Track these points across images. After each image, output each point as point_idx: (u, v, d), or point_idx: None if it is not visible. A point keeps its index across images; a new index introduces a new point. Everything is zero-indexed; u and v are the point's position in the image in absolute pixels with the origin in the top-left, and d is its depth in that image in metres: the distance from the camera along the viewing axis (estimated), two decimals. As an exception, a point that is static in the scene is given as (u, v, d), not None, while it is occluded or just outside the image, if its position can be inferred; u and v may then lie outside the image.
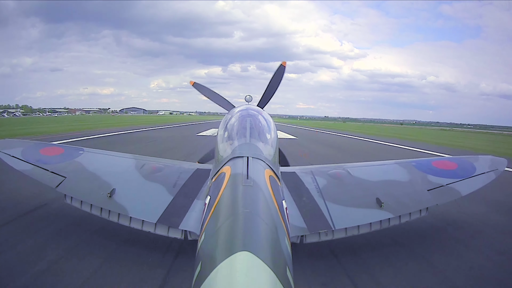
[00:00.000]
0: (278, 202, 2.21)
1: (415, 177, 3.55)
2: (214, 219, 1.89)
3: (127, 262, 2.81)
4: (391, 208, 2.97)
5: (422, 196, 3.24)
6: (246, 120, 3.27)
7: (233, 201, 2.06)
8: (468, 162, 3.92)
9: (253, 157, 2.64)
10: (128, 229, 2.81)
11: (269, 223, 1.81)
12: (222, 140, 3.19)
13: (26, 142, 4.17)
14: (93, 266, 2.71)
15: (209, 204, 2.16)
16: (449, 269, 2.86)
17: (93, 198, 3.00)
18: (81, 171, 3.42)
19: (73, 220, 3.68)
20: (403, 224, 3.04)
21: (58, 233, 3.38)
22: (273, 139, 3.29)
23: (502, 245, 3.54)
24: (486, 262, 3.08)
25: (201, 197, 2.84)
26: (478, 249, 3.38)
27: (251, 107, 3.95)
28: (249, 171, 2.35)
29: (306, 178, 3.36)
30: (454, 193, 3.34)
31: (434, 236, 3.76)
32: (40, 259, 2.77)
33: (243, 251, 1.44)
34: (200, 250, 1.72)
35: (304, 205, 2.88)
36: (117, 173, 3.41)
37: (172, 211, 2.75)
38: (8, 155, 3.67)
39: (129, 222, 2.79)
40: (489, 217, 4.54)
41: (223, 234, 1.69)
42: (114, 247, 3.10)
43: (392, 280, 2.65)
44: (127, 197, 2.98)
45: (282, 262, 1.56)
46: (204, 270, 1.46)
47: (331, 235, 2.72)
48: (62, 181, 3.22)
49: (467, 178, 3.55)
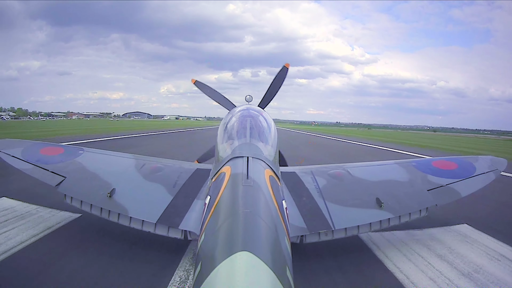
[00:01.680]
0: (278, 202, 2.21)
1: (415, 177, 3.55)
2: (214, 219, 1.90)
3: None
4: (391, 208, 2.98)
5: (422, 196, 3.24)
6: (246, 120, 3.27)
7: (233, 201, 2.06)
8: (468, 162, 3.92)
9: (253, 157, 2.64)
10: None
11: (269, 223, 1.81)
12: (222, 140, 3.19)
13: (26, 142, 4.17)
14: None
15: (209, 204, 2.16)
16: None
17: (93, 198, 3.00)
18: (81, 171, 3.42)
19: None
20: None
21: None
22: (273, 139, 3.29)
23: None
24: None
25: (201, 197, 2.85)
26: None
27: (251, 107, 3.96)
28: (249, 171, 2.35)
29: (306, 178, 3.36)
30: (454, 194, 3.35)
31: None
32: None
33: (243, 251, 1.44)
34: (200, 250, 1.72)
35: (304, 205, 2.88)
36: (117, 173, 3.42)
37: (172, 211, 2.75)
38: (8, 155, 3.67)
39: (129, 222, 2.79)
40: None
41: (223, 234, 1.70)
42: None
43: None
44: (127, 197, 2.98)
45: (282, 262, 1.57)
46: (204, 270, 1.46)
47: (331, 235, 2.72)
48: (62, 181, 3.22)
49: (467, 178, 3.55)
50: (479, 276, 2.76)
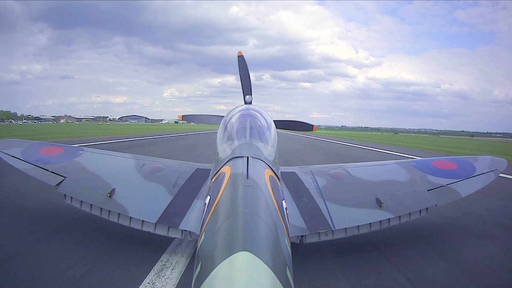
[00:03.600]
0: (278, 202, 2.21)
1: (415, 177, 3.55)
2: (214, 219, 1.89)
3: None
4: (391, 208, 2.97)
5: (422, 196, 3.24)
6: (246, 120, 3.26)
7: (233, 201, 2.05)
8: (468, 162, 3.92)
9: (253, 157, 2.64)
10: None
11: (269, 223, 1.81)
12: (222, 140, 3.18)
13: (26, 142, 4.17)
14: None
15: (209, 204, 2.16)
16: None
17: (93, 198, 3.00)
18: (81, 171, 3.42)
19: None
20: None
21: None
22: (273, 139, 3.29)
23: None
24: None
25: (201, 197, 2.84)
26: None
27: (251, 107, 3.95)
28: (249, 171, 2.34)
29: (306, 178, 3.36)
30: (454, 194, 3.35)
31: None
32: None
33: (243, 251, 1.44)
34: (200, 250, 1.72)
35: (304, 205, 2.88)
36: (117, 173, 3.41)
37: (172, 211, 2.75)
38: (8, 155, 3.67)
39: (129, 222, 2.79)
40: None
41: (223, 234, 1.69)
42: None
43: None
44: (127, 197, 2.98)
45: (282, 262, 1.56)
46: (204, 270, 1.46)
47: (331, 235, 2.71)
48: (62, 181, 3.22)
49: (467, 178, 3.55)
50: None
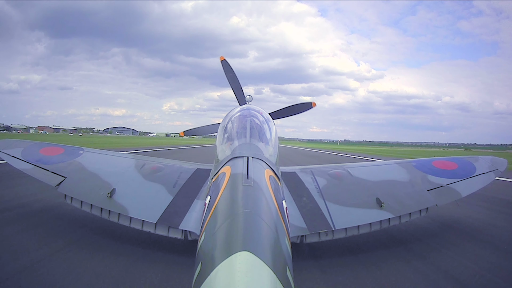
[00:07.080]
0: (278, 202, 2.20)
1: (415, 177, 3.54)
2: (214, 219, 1.89)
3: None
4: (391, 208, 2.97)
5: (422, 196, 3.23)
6: (246, 120, 3.25)
7: (233, 201, 2.05)
8: (468, 162, 3.91)
9: (253, 157, 2.63)
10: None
11: (269, 223, 1.80)
12: (222, 140, 3.18)
13: (26, 142, 4.16)
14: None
15: (209, 204, 2.15)
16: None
17: (93, 198, 3.00)
18: (81, 171, 3.42)
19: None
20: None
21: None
22: (274, 139, 3.28)
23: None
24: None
25: (201, 197, 2.84)
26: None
27: (251, 107, 3.93)
28: (249, 171, 2.33)
29: (306, 178, 3.36)
30: (454, 194, 3.34)
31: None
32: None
33: (243, 251, 1.43)
34: (200, 250, 1.72)
35: (304, 205, 2.87)
36: (117, 173, 3.41)
37: (172, 211, 2.75)
38: (8, 155, 3.67)
39: (129, 222, 2.78)
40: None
41: (223, 234, 1.69)
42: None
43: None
44: (127, 197, 2.98)
45: (282, 262, 1.56)
46: (204, 270, 1.45)
47: (331, 235, 2.71)
48: (62, 181, 3.22)
49: (467, 178, 3.54)
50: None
